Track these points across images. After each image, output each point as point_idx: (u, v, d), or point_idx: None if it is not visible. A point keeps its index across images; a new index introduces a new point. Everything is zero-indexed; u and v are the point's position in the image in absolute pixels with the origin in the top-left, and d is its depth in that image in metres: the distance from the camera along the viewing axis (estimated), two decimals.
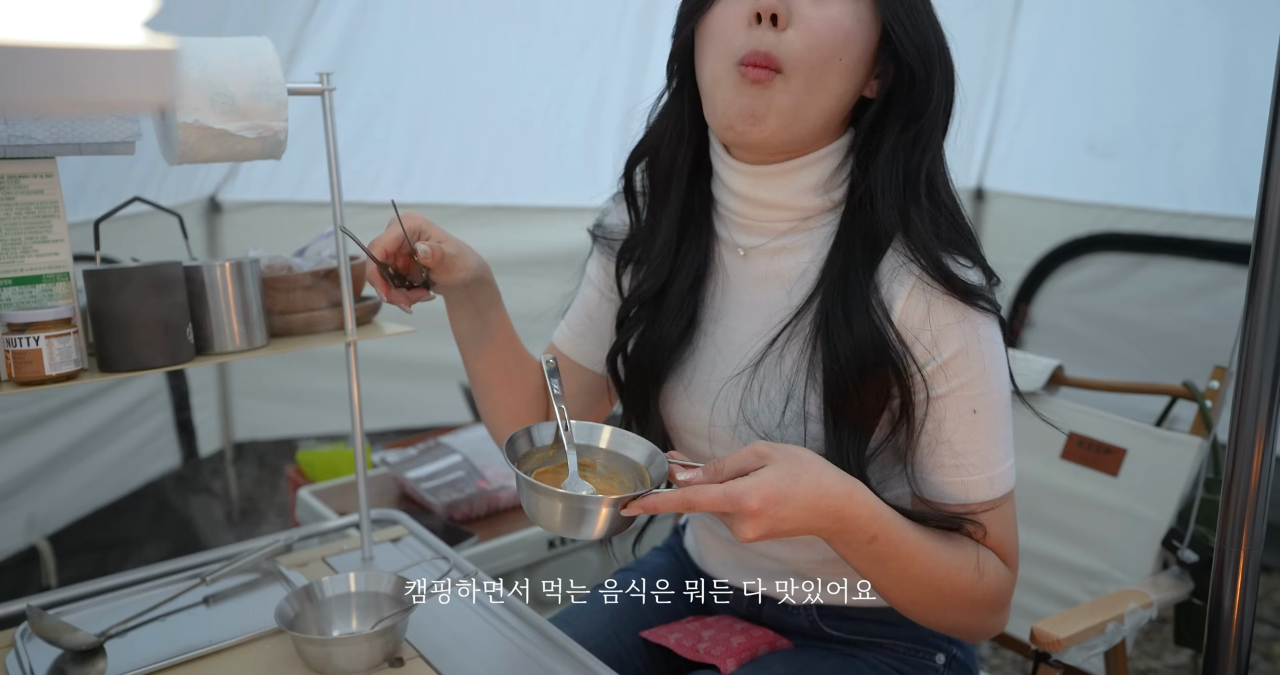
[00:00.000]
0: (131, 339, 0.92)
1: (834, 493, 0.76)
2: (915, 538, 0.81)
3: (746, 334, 0.93)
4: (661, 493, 0.76)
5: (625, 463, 0.86)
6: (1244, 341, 0.84)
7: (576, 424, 0.88)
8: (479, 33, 2.62)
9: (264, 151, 0.93)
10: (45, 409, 2.29)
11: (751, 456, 0.77)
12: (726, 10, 0.84)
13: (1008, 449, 0.87)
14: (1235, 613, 0.89)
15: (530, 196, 2.77)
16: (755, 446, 0.77)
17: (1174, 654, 2.17)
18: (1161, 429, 1.41)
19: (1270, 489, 0.86)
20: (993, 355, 0.84)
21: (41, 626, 0.93)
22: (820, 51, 0.81)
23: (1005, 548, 0.87)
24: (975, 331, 0.83)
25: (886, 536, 0.79)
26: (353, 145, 2.56)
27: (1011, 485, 0.87)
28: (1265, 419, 0.84)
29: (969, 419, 0.84)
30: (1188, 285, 2.70)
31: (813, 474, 0.76)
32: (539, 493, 0.78)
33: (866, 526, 0.78)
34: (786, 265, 0.92)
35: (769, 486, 0.73)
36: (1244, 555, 0.87)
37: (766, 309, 0.92)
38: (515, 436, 0.86)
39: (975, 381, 0.83)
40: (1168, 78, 2.71)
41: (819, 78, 0.82)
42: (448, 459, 2.11)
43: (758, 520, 0.73)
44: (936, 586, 0.83)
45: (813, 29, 0.81)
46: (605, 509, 0.77)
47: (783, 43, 0.81)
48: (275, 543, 1.16)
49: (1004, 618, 0.90)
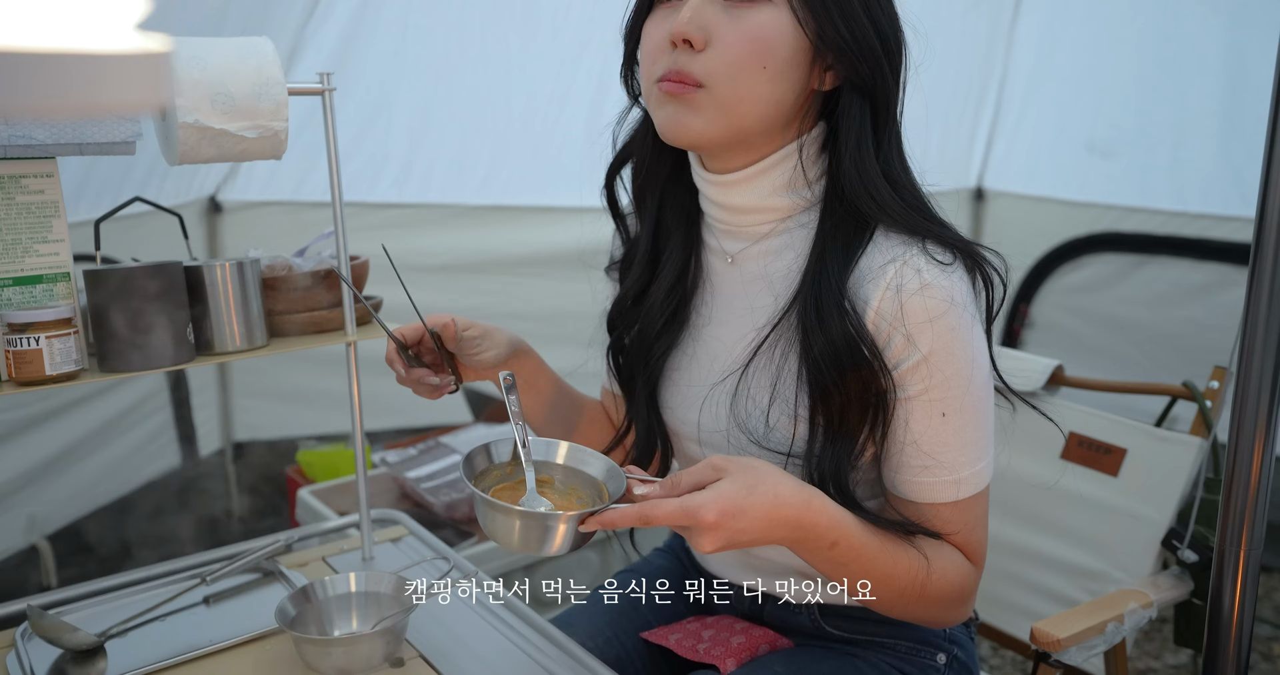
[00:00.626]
0: (131, 339, 0.92)
1: (791, 502, 0.77)
2: (875, 542, 0.82)
3: (736, 338, 0.94)
4: (619, 508, 0.77)
5: (583, 478, 0.86)
6: (1244, 341, 0.84)
7: (534, 440, 0.88)
8: (479, 33, 2.62)
9: (264, 151, 0.93)
10: (45, 409, 2.29)
11: (708, 470, 0.77)
12: (653, 32, 0.87)
13: (980, 451, 0.86)
14: (1235, 613, 0.89)
15: (530, 196, 2.77)
16: (711, 460, 0.78)
17: (1174, 654, 2.17)
18: (1161, 429, 1.41)
19: (1270, 489, 0.86)
20: (967, 356, 0.83)
21: (42, 626, 0.93)
22: (738, 64, 0.82)
23: (970, 545, 0.88)
24: (950, 332, 0.82)
25: (847, 542, 0.80)
26: (353, 145, 2.55)
27: (981, 487, 0.87)
28: (1265, 419, 0.84)
29: (938, 422, 0.84)
30: (1188, 285, 2.69)
31: (768, 485, 0.76)
32: (496, 510, 0.78)
33: (825, 534, 0.79)
34: (773, 268, 0.92)
35: (724, 499, 0.74)
36: (1244, 555, 0.87)
37: (756, 313, 0.93)
38: (473, 454, 0.86)
39: (946, 384, 0.83)
40: (1168, 78, 2.71)
41: (744, 85, 0.83)
42: (448, 459, 2.11)
43: (715, 533, 0.74)
44: (898, 587, 0.84)
45: (729, 45, 0.82)
46: (563, 525, 0.77)
47: (698, 62, 0.83)
48: (275, 543, 1.16)
49: (968, 609, 0.92)
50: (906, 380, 0.84)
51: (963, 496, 0.86)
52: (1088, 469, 1.44)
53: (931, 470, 0.85)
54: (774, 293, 0.91)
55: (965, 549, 0.88)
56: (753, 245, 0.93)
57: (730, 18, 0.82)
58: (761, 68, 0.82)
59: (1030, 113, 3.13)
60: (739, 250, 0.94)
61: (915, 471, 0.86)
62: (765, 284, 0.92)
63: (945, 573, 0.86)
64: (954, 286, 0.83)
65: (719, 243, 0.96)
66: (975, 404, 0.85)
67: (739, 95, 0.83)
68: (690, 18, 0.82)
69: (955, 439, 0.84)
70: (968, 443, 0.85)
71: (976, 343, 0.85)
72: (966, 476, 0.86)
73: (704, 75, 0.82)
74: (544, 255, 2.64)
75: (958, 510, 0.86)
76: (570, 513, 0.77)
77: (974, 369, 0.84)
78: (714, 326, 0.96)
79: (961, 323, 0.83)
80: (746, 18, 0.82)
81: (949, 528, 0.87)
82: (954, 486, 0.85)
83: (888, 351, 0.84)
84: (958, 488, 0.86)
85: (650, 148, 0.97)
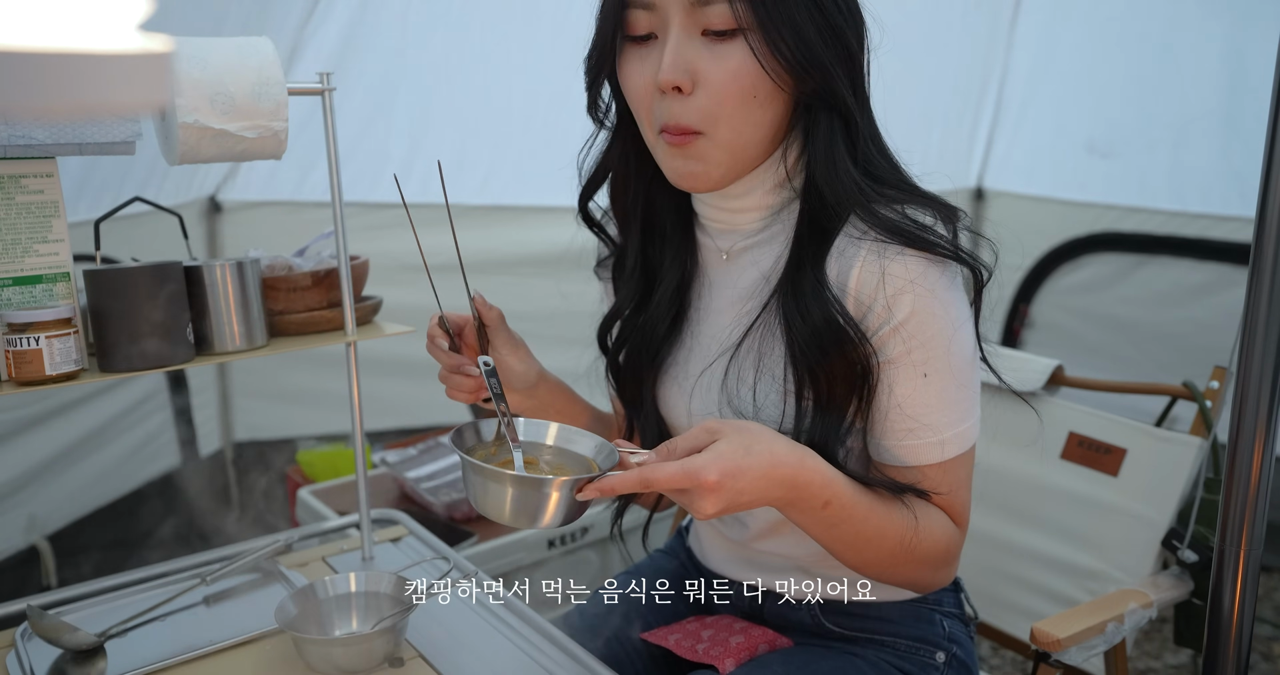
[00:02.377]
0: (131, 339, 0.92)
1: (787, 461, 0.77)
2: (865, 501, 0.83)
3: (728, 325, 0.95)
4: (617, 474, 0.75)
5: (572, 458, 0.85)
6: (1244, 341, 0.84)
7: (525, 422, 0.87)
8: (479, 33, 2.62)
9: (264, 151, 0.93)
10: (45, 409, 2.29)
11: (702, 434, 0.78)
12: (633, 75, 0.86)
13: (964, 410, 0.87)
14: (1235, 613, 0.89)
15: (530, 196, 2.77)
16: (706, 423, 0.79)
17: (1174, 654, 2.17)
18: (1161, 429, 1.41)
19: (1270, 489, 0.86)
20: (949, 318, 0.84)
21: (41, 626, 0.93)
22: (730, 102, 0.82)
23: (955, 507, 0.89)
24: (931, 294, 0.83)
25: (839, 501, 0.81)
26: (353, 145, 2.55)
27: (966, 447, 0.88)
28: (1265, 419, 0.84)
29: (920, 383, 0.85)
30: (1188, 285, 2.70)
31: (764, 444, 0.77)
32: (487, 478, 0.76)
33: (820, 492, 0.80)
34: (763, 256, 0.93)
35: (724, 460, 0.74)
36: (1244, 555, 0.87)
37: (747, 300, 0.94)
38: (461, 429, 0.85)
39: (927, 345, 0.84)
40: (1168, 78, 2.71)
41: (742, 120, 0.83)
42: (448, 459, 2.11)
43: (717, 494, 0.74)
44: (888, 547, 0.85)
45: (717, 85, 0.82)
46: (557, 492, 0.75)
47: (690, 108, 0.83)
48: (275, 543, 1.16)
49: (952, 571, 0.93)
50: (887, 343, 0.85)
51: (947, 457, 0.87)
52: (1087, 469, 1.44)
53: (916, 432, 0.86)
54: (765, 278, 0.93)
55: (950, 510, 0.89)
56: (745, 239, 0.94)
57: (711, 53, 0.82)
58: (753, 97, 0.83)
59: (1030, 113, 3.13)
60: (731, 245, 0.95)
61: (900, 435, 0.86)
62: (757, 272, 0.94)
63: (932, 532, 0.87)
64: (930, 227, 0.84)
65: (714, 241, 0.97)
66: (957, 363, 0.85)
67: (737, 130, 0.84)
68: (673, 63, 0.81)
69: (938, 400, 0.85)
70: (950, 403, 0.86)
71: (957, 303, 0.85)
72: (950, 437, 0.86)
73: (700, 121, 0.83)
74: (544, 255, 2.64)
75: (942, 471, 0.87)
76: (564, 478, 0.75)
77: (955, 329, 0.85)
78: (710, 320, 0.98)
79: (939, 283, 0.84)
80: (727, 52, 0.81)
81: (935, 489, 0.88)
82: (939, 447, 0.86)
83: (869, 318, 0.85)
84: (942, 449, 0.86)
85: (632, 163, 0.97)
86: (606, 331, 1.06)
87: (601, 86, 0.93)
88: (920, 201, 0.87)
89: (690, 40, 0.82)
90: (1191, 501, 1.32)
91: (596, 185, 1.01)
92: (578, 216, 1.04)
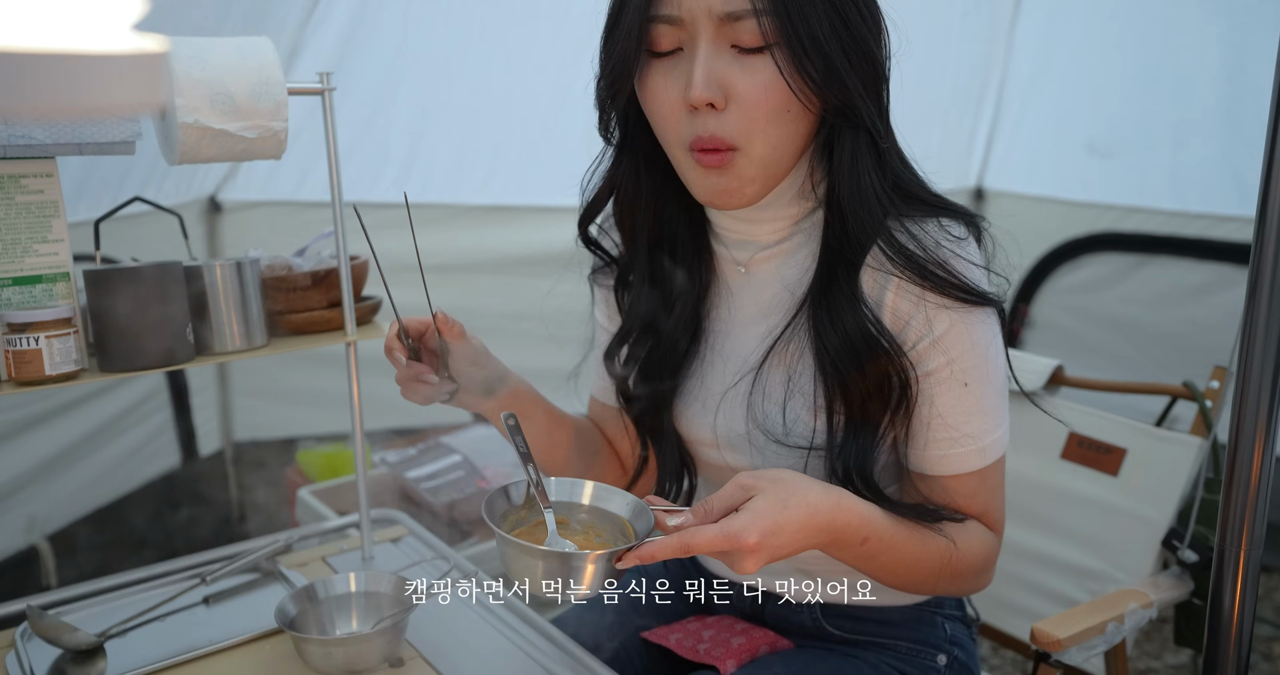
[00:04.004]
0: (131, 339, 0.92)
1: (823, 509, 0.77)
2: (903, 530, 0.84)
3: (751, 341, 0.93)
4: (657, 540, 0.74)
5: (606, 517, 0.84)
6: (1244, 341, 0.84)
7: (556, 481, 0.85)
8: (479, 33, 2.62)
9: (264, 151, 0.93)
10: (45, 409, 2.29)
11: (738, 491, 0.77)
12: (660, 89, 0.83)
13: (1000, 416, 0.88)
14: (1235, 613, 0.89)
15: (530, 196, 2.77)
16: (739, 479, 0.78)
17: (1174, 654, 2.17)
18: (1161, 429, 1.41)
19: (1270, 489, 0.86)
20: (986, 326, 0.85)
21: (41, 626, 0.93)
22: (764, 118, 0.80)
23: (991, 514, 0.90)
24: (969, 314, 0.84)
25: (877, 536, 0.81)
26: (353, 145, 2.55)
27: (1001, 453, 0.89)
28: (1265, 419, 0.84)
29: (960, 392, 0.85)
30: (1188, 285, 2.69)
31: (799, 495, 0.77)
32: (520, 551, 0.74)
33: (858, 531, 0.80)
34: (787, 267, 0.92)
35: (763, 518, 0.74)
36: (1244, 555, 0.87)
37: (770, 315, 0.93)
38: (492, 497, 0.82)
39: (967, 355, 0.84)
40: (1168, 78, 2.71)
41: (777, 134, 0.82)
42: (448, 459, 2.11)
43: (758, 554, 0.74)
44: (929, 568, 0.86)
45: (750, 100, 0.80)
46: (591, 566, 0.74)
47: (726, 123, 0.80)
48: (275, 543, 1.16)
49: (991, 574, 0.94)
50: (927, 356, 0.85)
51: (987, 463, 0.87)
52: (1088, 469, 1.44)
53: (959, 441, 0.86)
54: (790, 291, 0.91)
55: (986, 518, 0.90)
56: (764, 250, 0.93)
57: (742, 67, 0.79)
58: (786, 112, 0.81)
59: (1030, 113, 3.13)
60: (750, 257, 0.94)
61: (942, 444, 0.87)
62: (781, 285, 0.92)
63: (971, 547, 0.88)
64: (971, 258, 0.85)
65: (729, 251, 0.95)
66: (993, 371, 0.86)
67: (773, 145, 0.82)
68: (705, 79, 0.79)
69: (978, 406, 0.86)
70: (989, 409, 0.86)
71: (993, 324, 0.87)
72: (990, 442, 0.87)
73: (736, 136, 0.81)
74: (544, 255, 2.63)
75: (981, 479, 0.88)
76: (599, 552, 0.73)
77: (992, 336, 0.86)
78: (732, 335, 0.96)
79: (981, 311, 0.85)
80: (758, 66, 0.79)
81: (974, 498, 0.88)
82: (979, 454, 0.87)
83: (907, 332, 0.85)
84: (983, 455, 0.87)
85: (644, 178, 0.94)
86: (614, 354, 1.02)
87: (620, 105, 0.88)
88: (950, 214, 0.86)
89: (720, 55, 0.79)
90: (1191, 501, 1.32)
91: (602, 204, 0.98)
92: (577, 241, 1.02)
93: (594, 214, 0.99)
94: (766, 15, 0.77)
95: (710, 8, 0.78)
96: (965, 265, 0.84)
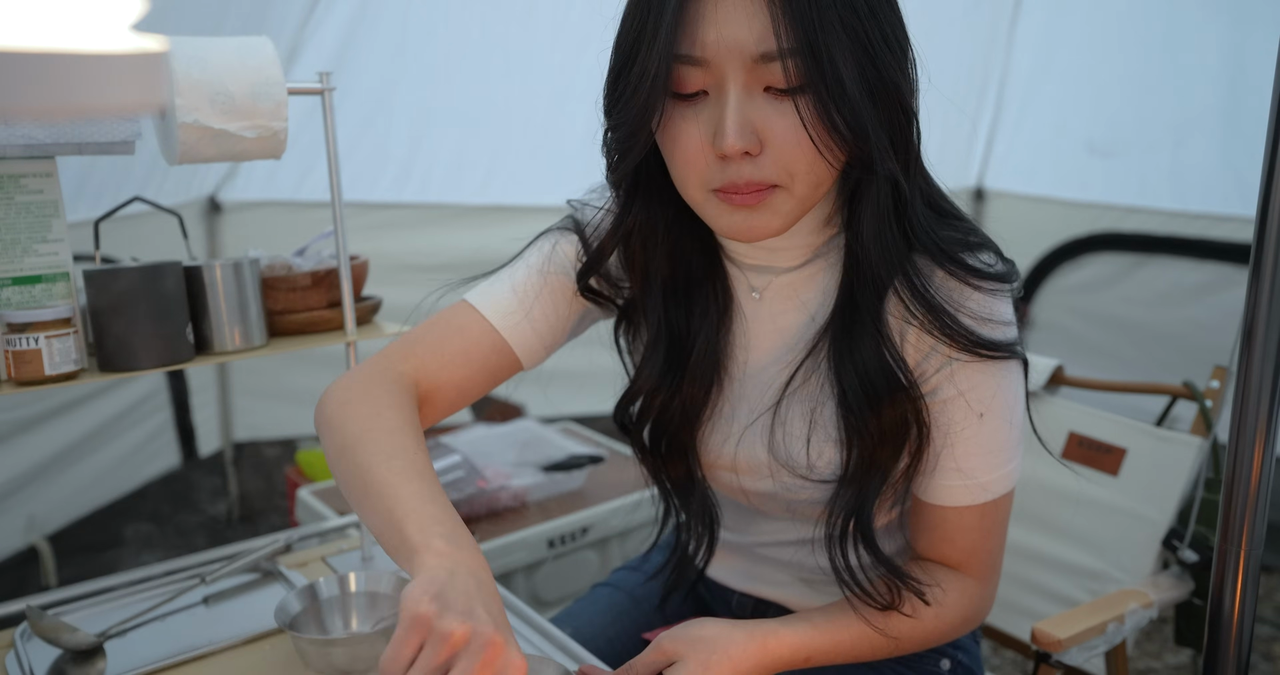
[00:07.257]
0: (131, 339, 0.92)
1: (748, 655, 0.80)
2: (853, 632, 0.84)
3: (769, 367, 0.90)
4: None
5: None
6: (1244, 341, 0.84)
7: None
8: (479, 33, 2.62)
9: (264, 151, 0.93)
10: (45, 409, 2.30)
11: (659, 656, 0.80)
12: (685, 134, 0.76)
13: (1011, 452, 0.85)
14: (1235, 613, 0.88)
15: (530, 196, 2.77)
16: (659, 644, 0.81)
17: (1174, 654, 2.17)
18: (1161, 429, 1.41)
19: (1270, 489, 0.86)
20: (1010, 377, 0.83)
21: (41, 626, 0.93)
22: (804, 159, 0.74)
23: (979, 556, 0.88)
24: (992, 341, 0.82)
25: (821, 651, 0.83)
26: (353, 145, 2.55)
27: (1008, 489, 0.86)
28: (1265, 419, 0.84)
29: (974, 423, 0.83)
30: (1188, 285, 2.70)
31: (720, 653, 0.79)
32: None
33: (795, 656, 0.82)
34: (807, 292, 0.88)
35: None
36: (1244, 555, 0.87)
37: (792, 342, 0.89)
38: None
39: (985, 385, 0.82)
40: (1168, 78, 2.71)
41: (820, 172, 0.76)
42: (448, 459, 2.10)
43: None
44: (897, 645, 0.86)
45: (788, 143, 0.73)
46: None
47: (763, 168, 0.74)
48: (275, 543, 1.16)
49: (976, 624, 0.92)
50: (946, 384, 0.83)
51: (987, 499, 0.85)
52: (1088, 469, 1.44)
53: (964, 474, 0.84)
54: (810, 314, 0.87)
55: (974, 559, 0.87)
56: (783, 274, 0.88)
57: (775, 109, 0.73)
58: (828, 149, 0.74)
59: (1030, 112, 3.13)
60: (767, 282, 0.89)
61: (948, 474, 0.85)
62: (801, 308, 0.88)
63: (943, 614, 0.87)
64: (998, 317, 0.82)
65: (745, 276, 0.90)
66: (1010, 406, 0.84)
67: (814, 183, 0.76)
68: (739, 128, 0.72)
69: (990, 440, 0.83)
70: (1000, 445, 0.84)
71: (1016, 371, 0.85)
72: (996, 478, 0.85)
73: (778, 176, 0.75)
74: None
75: (980, 515, 0.86)
76: None
77: (1012, 370, 0.84)
78: (750, 362, 0.91)
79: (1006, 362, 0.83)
80: (790, 110, 0.73)
81: (967, 534, 0.86)
82: (981, 490, 0.85)
83: (927, 361, 0.82)
84: (985, 490, 0.85)
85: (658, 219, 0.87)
86: (627, 408, 0.96)
87: (639, 156, 0.80)
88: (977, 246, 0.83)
89: (751, 99, 0.73)
90: (1192, 501, 1.32)
91: (608, 255, 0.90)
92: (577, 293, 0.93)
93: (599, 266, 0.91)
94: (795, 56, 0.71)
95: (742, 48, 0.71)
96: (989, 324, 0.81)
